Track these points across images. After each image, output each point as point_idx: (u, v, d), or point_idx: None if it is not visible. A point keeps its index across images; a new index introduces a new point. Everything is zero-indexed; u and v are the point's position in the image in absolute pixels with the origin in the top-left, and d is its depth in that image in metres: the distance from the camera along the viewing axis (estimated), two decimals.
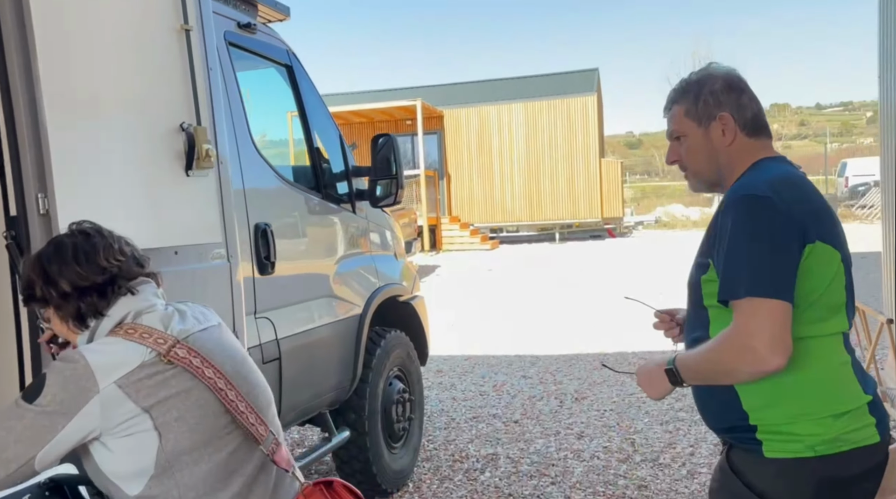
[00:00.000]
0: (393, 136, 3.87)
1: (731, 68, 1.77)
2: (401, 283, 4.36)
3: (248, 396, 1.57)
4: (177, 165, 2.41)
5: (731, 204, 1.56)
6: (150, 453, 1.42)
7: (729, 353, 1.51)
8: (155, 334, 1.48)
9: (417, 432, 4.41)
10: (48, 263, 1.52)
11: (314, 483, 1.65)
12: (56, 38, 2.01)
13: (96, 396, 1.39)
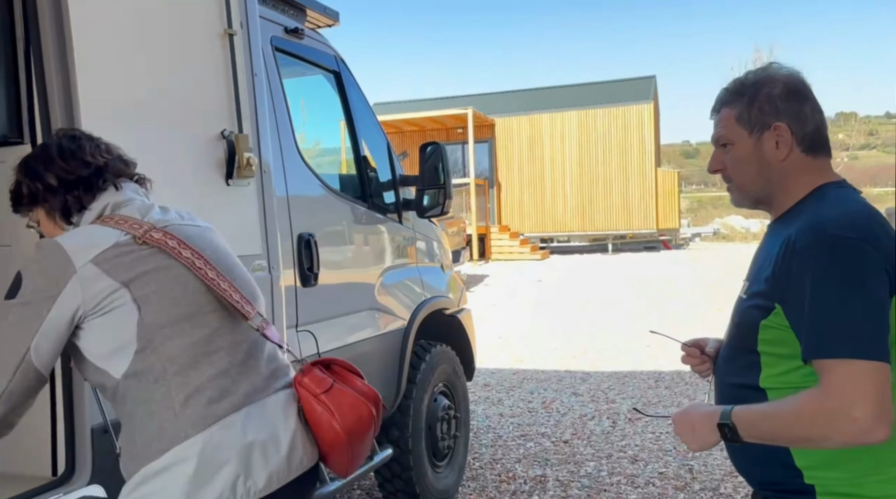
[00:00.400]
0: (441, 144, 3.76)
1: (795, 71, 1.55)
2: (447, 295, 4.23)
3: (235, 283, 1.54)
4: (217, 174, 2.34)
5: (812, 246, 1.36)
6: (131, 326, 1.40)
7: (821, 420, 1.31)
8: (131, 221, 1.49)
9: (463, 450, 4.26)
10: (34, 161, 1.54)
11: (312, 363, 1.59)
12: (94, 43, 1.96)
13: (74, 276, 1.38)
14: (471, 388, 6.59)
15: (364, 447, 1.59)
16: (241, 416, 1.45)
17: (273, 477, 1.44)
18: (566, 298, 12.47)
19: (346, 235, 3.32)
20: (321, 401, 1.50)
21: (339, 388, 1.54)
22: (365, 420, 1.54)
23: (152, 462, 1.38)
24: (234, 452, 1.41)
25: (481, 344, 8.70)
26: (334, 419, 1.49)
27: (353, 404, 1.53)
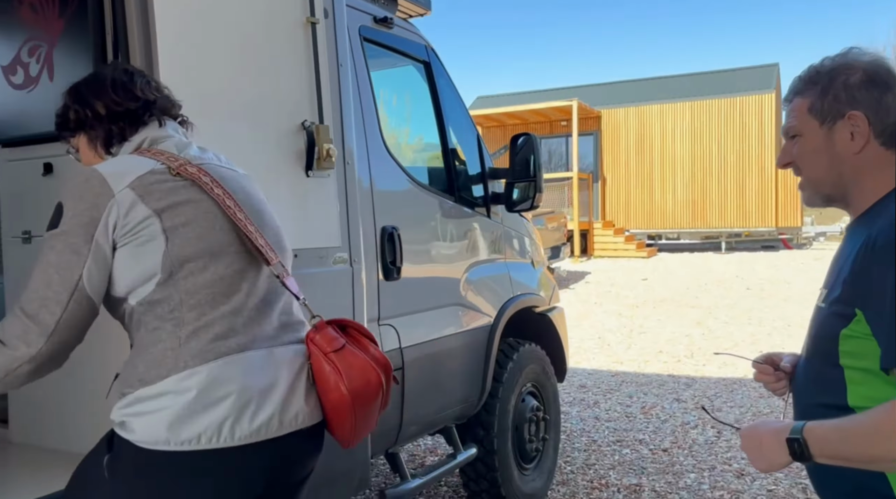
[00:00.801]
0: (534, 135, 3.61)
1: (879, 56, 1.39)
2: (538, 293, 4.08)
3: (262, 229, 1.54)
4: (297, 165, 2.32)
5: (894, 243, 1.23)
6: (157, 256, 1.39)
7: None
8: (168, 154, 1.50)
9: (552, 453, 4.11)
10: (85, 88, 1.56)
11: (328, 321, 1.56)
12: (177, 34, 1.97)
13: (112, 200, 1.39)
14: (566, 388, 6.40)
15: (370, 416, 1.53)
16: (243, 358, 1.41)
17: (262, 427, 1.40)
18: (673, 298, 11.91)
19: (430, 229, 3.25)
20: (330, 359, 1.46)
21: (351, 349, 1.50)
22: (373, 385, 1.48)
23: (148, 387, 1.37)
24: (228, 392, 1.37)
25: (579, 344, 8.48)
26: (341, 380, 1.45)
27: (362, 367, 1.48)
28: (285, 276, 1.53)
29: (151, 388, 1.36)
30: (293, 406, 1.45)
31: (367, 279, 2.75)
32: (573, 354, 7.95)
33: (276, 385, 1.44)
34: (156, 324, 1.40)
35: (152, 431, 1.34)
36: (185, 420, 1.34)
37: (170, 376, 1.36)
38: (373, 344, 1.57)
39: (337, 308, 2.59)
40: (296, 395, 1.46)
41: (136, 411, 1.36)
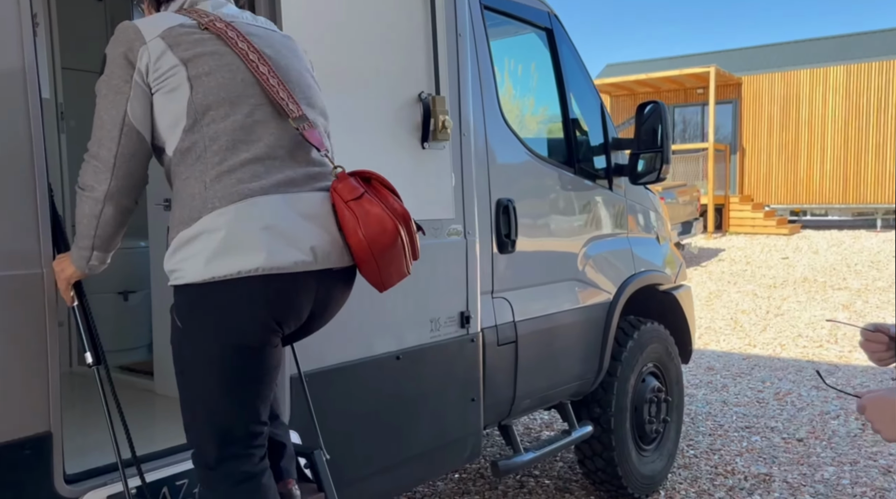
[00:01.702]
0: (662, 103, 3.42)
1: None
2: (662, 270, 3.90)
3: (287, 83, 1.61)
4: (413, 137, 2.34)
5: None
6: (183, 103, 1.52)
7: None
8: (201, 12, 1.61)
9: (674, 436, 3.96)
10: None
11: (351, 172, 1.64)
12: (300, 5, 2.03)
13: (144, 46, 1.52)
14: (692, 370, 6.14)
15: (393, 262, 1.61)
16: (268, 200, 1.52)
17: (297, 263, 1.52)
18: (817, 279, 11.04)
19: (548, 202, 3.18)
20: (350, 207, 1.56)
21: (369, 198, 1.58)
22: (389, 232, 1.57)
23: (186, 229, 1.50)
24: (257, 230, 1.49)
25: (709, 325, 8.08)
26: (359, 227, 1.55)
27: (379, 215, 1.56)
28: (306, 128, 1.60)
29: (188, 230, 1.50)
30: (323, 244, 1.56)
31: (480, 252, 2.74)
32: (703, 334, 7.59)
33: (305, 225, 1.54)
34: (187, 173, 1.53)
35: (196, 270, 1.49)
36: (222, 256, 1.47)
37: (201, 217, 1.49)
38: (394, 196, 1.65)
39: (450, 280, 2.61)
40: (324, 234, 1.57)
41: (181, 256, 1.51)
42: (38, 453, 1.54)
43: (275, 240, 1.50)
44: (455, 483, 3.92)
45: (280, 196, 1.53)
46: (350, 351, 2.25)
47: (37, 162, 1.57)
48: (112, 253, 1.62)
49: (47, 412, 1.56)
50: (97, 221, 1.53)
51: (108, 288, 3.01)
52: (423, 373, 2.49)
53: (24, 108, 1.55)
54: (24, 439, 1.52)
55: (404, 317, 2.43)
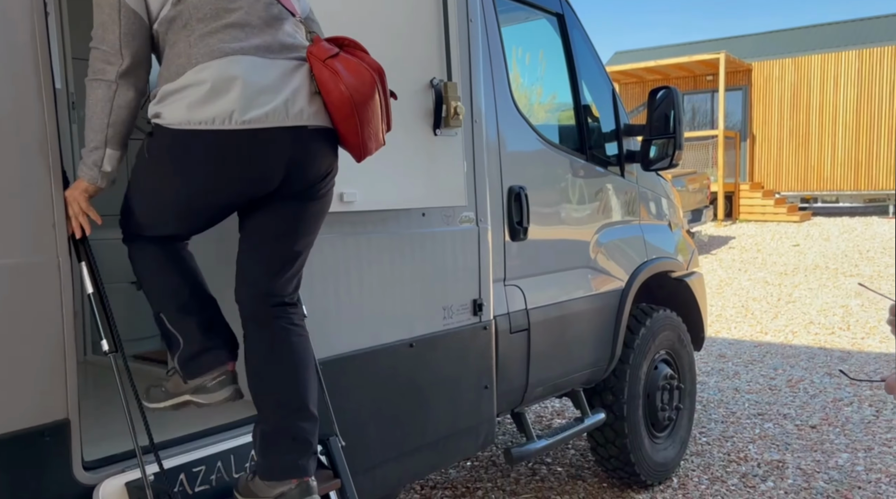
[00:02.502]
0: (674, 88, 3.39)
1: None
2: (675, 257, 3.88)
3: None
4: (425, 123, 2.33)
5: None
6: None
7: None
8: None
9: (686, 423, 3.96)
10: None
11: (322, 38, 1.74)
12: None
13: None
14: (704, 357, 6.12)
15: (371, 120, 1.69)
16: (248, 59, 1.61)
17: (269, 114, 1.60)
18: (828, 266, 10.97)
19: (560, 189, 3.16)
20: (327, 65, 1.64)
21: (345, 55, 1.67)
22: (368, 84, 1.65)
23: (171, 83, 1.59)
24: (236, 84, 1.58)
25: (720, 312, 8.05)
26: (339, 80, 1.63)
27: (356, 68, 1.65)
28: None
29: (174, 83, 1.59)
30: (297, 103, 1.64)
31: (493, 239, 2.73)
32: (713, 322, 7.57)
33: (280, 84, 1.63)
34: (174, 39, 1.61)
35: (176, 114, 1.57)
36: (202, 104, 1.56)
37: (186, 72, 1.58)
38: (366, 55, 1.73)
39: (463, 268, 2.60)
40: (299, 94, 1.64)
41: (165, 102, 1.60)
42: (56, 439, 1.55)
43: (251, 93, 1.59)
44: (468, 471, 3.93)
45: (258, 58, 1.62)
46: (364, 339, 2.25)
47: (51, 149, 1.57)
48: (123, 156, 1.66)
49: (65, 400, 1.57)
50: (111, 106, 1.59)
51: (121, 277, 3.02)
52: (437, 360, 2.49)
53: (39, 96, 1.55)
54: (42, 427, 1.53)
55: (417, 304, 2.43)
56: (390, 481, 2.36)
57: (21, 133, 1.52)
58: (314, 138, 1.67)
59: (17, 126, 1.52)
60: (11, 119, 1.51)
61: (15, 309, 1.50)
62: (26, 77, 1.53)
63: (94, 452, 1.68)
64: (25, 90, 1.53)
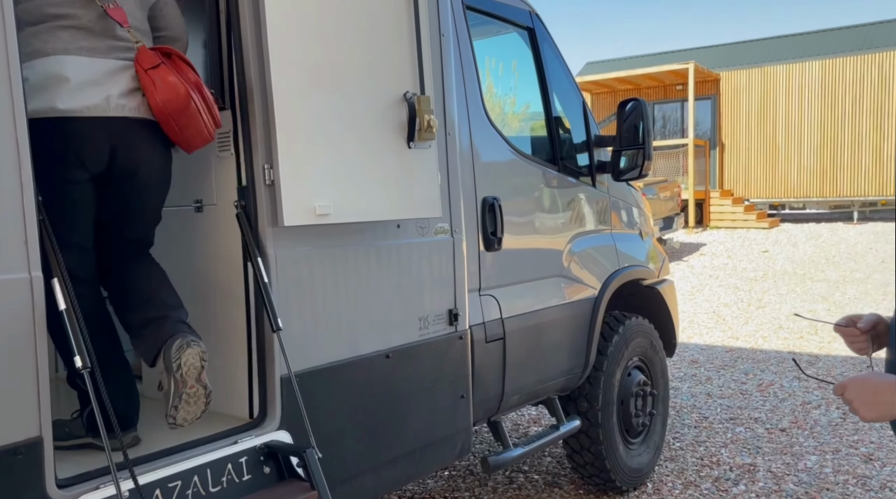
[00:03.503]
0: (642, 100, 3.46)
1: None
2: (646, 265, 3.95)
3: None
4: (399, 136, 2.35)
5: None
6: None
7: None
8: None
9: (660, 429, 4.00)
10: None
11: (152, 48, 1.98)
12: (284, 12, 2.03)
13: None
14: (677, 363, 6.20)
15: (191, 124, 1.95)
16: (74, 59, 1.84)
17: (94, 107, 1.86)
18: (796, 271, 11.19)
19: (533, 199, 3.21)
20: (148, 74, 1.91)
21: (167, 69, 1.92)
22: (182, 96, 1.92)
23: None
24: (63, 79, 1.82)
25: (692, 318, 8.17)
26: (155, 91, 1.91)
27: (173, 82, 1.91)
28: (110, 6, 1.91)
29: None
30: (119, 98, 1.90)
31: (467, 250, 2.76)
32: (685, 328, 7.68)
33: (103, 80, 1.88)
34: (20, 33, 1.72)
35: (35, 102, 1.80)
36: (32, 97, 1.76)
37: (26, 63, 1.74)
38: (192, 70, 1.97)
39: (438, 278, 2.62)
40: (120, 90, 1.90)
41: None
42: (29, 458, 1.53)
43: (72, 88, 1.82)
44: (445, 480, 3.94)
45: (84, 58, 1.85)
46: (340, 350, 2.26)
47: (22, 160, 1.56)
48: None
49: (37, 417, 1.56)
50: None
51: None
52: (413, 371, 2.51)
53: (11, 124, 1.54)
54: (15, 445, 1.51)
55: (393, 315, 2.44)
56: (367, 492, 2.36)
57: None
58: (139, 128, 1.95)
59: None
60: None
61: None
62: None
63: (67, 469, 1.67)
64: None
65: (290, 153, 2.05)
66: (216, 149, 2.22)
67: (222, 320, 2.26)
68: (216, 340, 2.28)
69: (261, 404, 2.11)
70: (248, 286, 2.16)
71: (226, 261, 2.23)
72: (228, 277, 2.22)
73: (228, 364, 2.24)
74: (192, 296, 2.34)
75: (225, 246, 2.23)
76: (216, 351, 2.28)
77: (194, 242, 2.33)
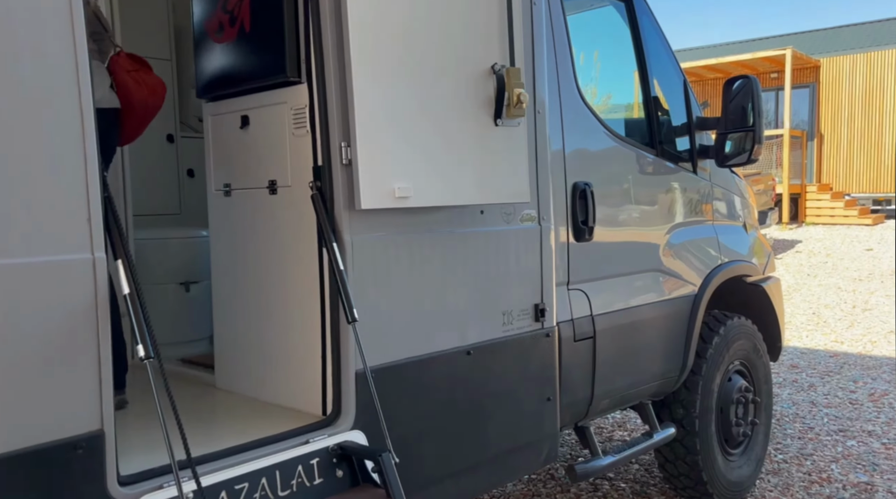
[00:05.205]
0: (753, 78, 3.14)
1: None
2: (750, 260, 3.62)
3: None
4: (485, 113, 2.15)
5: None
6: None
7: None
8: None
9: (762, 439, 3.68)
10: None
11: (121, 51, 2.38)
12: None
13: None
14: (773, 368, 5.75)
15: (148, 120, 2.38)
16: None
17: None
18: None
19: (628, 186, 2.94)
20: (131, 75, 2.28)
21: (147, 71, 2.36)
22: (159, 95, 2.37)
23: None
24: None
25: (789, 320, 7.62)
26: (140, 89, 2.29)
27: (153, 84, 2.35)
28: None
29: None
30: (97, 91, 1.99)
31: (556, 240, 2.55)
32: None
33: None
34: None
35: None
36: None
37: None
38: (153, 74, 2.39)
39: (524, 270, 2.42)
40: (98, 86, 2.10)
41: None
42: (90, 453, 1.43)
43: None
44: (525, 485, 3.73)
45: None
46: (418, 345, 2.09)
47: (86, 136, 1.45)
48: None
49: (99, 409, 1.45)
50: None
51: (170, 278, 2.95)
52: (496, 370, 2.31)
53: (76, 95, 1.44)
54: (74, 439, 1.41)
55: (475, 309, 2.25)
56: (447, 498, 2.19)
57: (54, 123, 1.41)
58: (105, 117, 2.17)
59: (48, 111, 1.41)
60: (41, 104, 1.40)
61: (44, 311, 1.38)
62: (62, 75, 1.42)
63: (131, 465, 1.56)
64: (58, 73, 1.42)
65: (369, 130, 1.89)
66: (291, 126, 2.08)
67: (296, 309, 2.13)
68: (289, 330, 2.15)
69: (334, 401, 1.97)
70: (322, 274, 2.02)
71: (300, 246, 2.10)
72: (303, 264, 2.09)
73: (301, 356, 2.11)
74: (265, 283, 2.23)
75: (299, 231, 2.10)
76: (289, 341, 2.16)
77: (267, 227, 2.21)
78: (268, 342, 2.23)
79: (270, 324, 2.22)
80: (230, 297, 2.37)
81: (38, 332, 1.38)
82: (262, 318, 2.25)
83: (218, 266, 2.42)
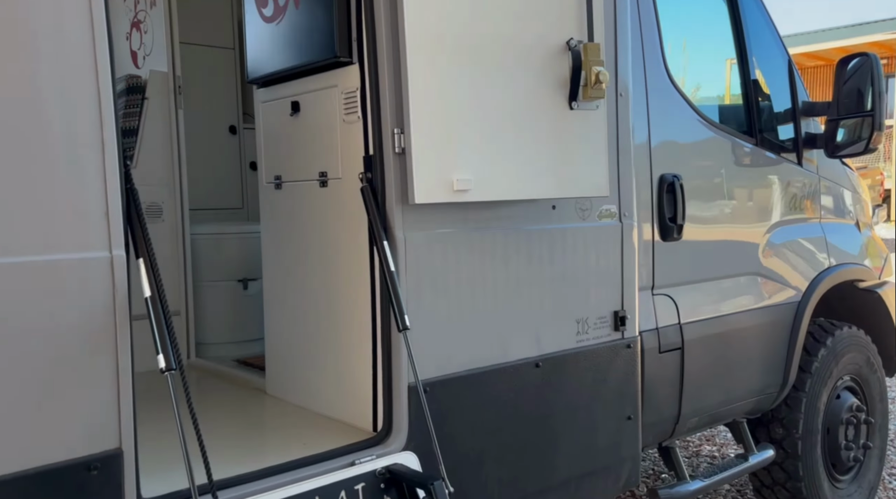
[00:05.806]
0: (873, 55, 2.77)
1: None
2: (862, 262, 3.27)
3: None
4: (558, 95, 1.91)
5: None
6: None
7: None
8: None
9: (876, 464, 3.34)
10: None
11: None
12: None
13: None
14: (890, 385, 5.20)
15: None
16: None
17: None
18: None
19: (723, 179, 2.65)
20: None
21: None
22: None
23: None
24: None
25: None
26: None
27: None
28: None
29: None
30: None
31: (639, 238, 2.31)
32: None
33: None
34: None
35: None
36: None
37: None
38: None
39: (602, 272, 2.17)
40: None
41: None
42: (105, 473, 1.29)
43: None
44: None
45: None
46: (479, 356, 1.88)
47: (105, 128, 1.31)
48: None
49: (117, 425, 1.31)
50: None
51: (228, 276, 2.85)
52: (569, 384, 2.08)
53: (93, 79, 1.30)
54: (88, 458, 1.28)
55: (545, 316, 2.03)
56: None
57: (72, 117, 1.28)
58: None
59: (66, 104, 1.27)
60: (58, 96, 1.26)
61: (56, 314, 1.25)
62: (79, 55, 1.28)
63: (154, 486, 1.42)
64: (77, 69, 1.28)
65: (425, 116, 1.69)
66: (342, 111, 1.91)
67: (346, 314, 1.96)
68: (339, 337, 1.99)
69: (385, 417, 1.78)
70: (374, 276, 1.84)
71: (352, 245, 1.93)
72: (355, 265, 1.92)
73: (352, 365, 1.94)
74: (316, 285, 2.07)
75: (351, 227, 1.93)
76: (339, 349, 1.99)
77: (317, 222, 2.05)
78: (318, 349, 2.08)
79: (320, 329, 2.06)
80: (280, 299, 2.23)
81: (46, 338, 1.24)
82: (311, 322, 2.10)
83: (269, 265, 2.29)
